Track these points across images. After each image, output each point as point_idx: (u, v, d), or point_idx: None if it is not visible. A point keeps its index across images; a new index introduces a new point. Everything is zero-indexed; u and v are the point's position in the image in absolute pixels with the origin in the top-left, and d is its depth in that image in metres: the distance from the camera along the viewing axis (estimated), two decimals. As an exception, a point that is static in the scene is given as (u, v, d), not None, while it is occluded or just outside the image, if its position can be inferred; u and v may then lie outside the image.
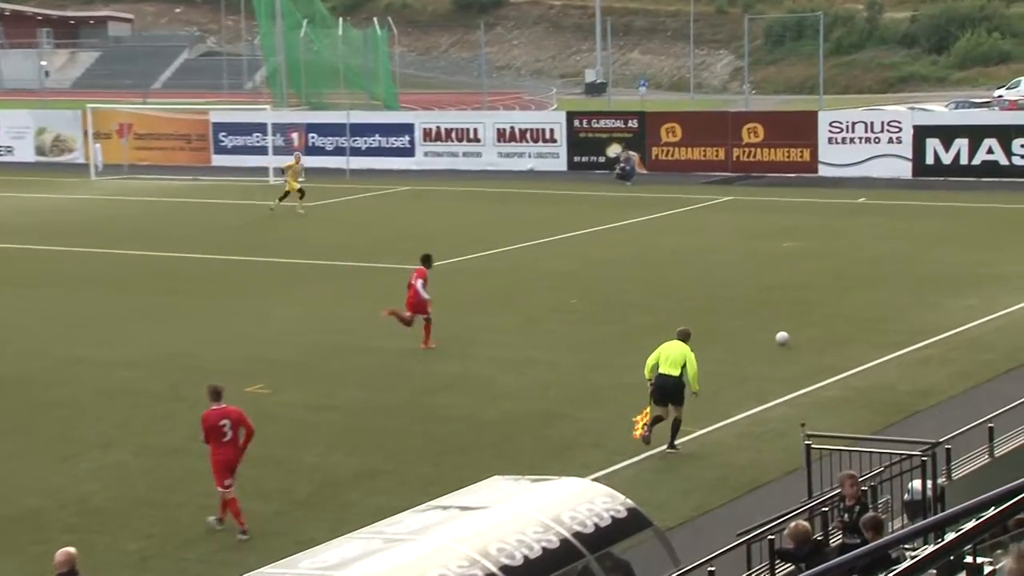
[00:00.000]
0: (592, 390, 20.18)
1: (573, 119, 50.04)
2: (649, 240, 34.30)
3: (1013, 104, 63.29)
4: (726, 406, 19.11)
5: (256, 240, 35.87)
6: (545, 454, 17.50)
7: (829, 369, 20.85)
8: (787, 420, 18.29)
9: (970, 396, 19.34)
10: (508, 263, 31.15)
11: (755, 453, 17.32)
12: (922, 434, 15.75)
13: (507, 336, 23.80)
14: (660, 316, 25.12)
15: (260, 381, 20.86)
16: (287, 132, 53.00)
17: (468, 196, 44.64)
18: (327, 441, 18.17)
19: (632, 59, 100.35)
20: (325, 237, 36.27)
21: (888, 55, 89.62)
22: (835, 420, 18.25)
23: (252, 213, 41.96)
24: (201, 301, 27.56)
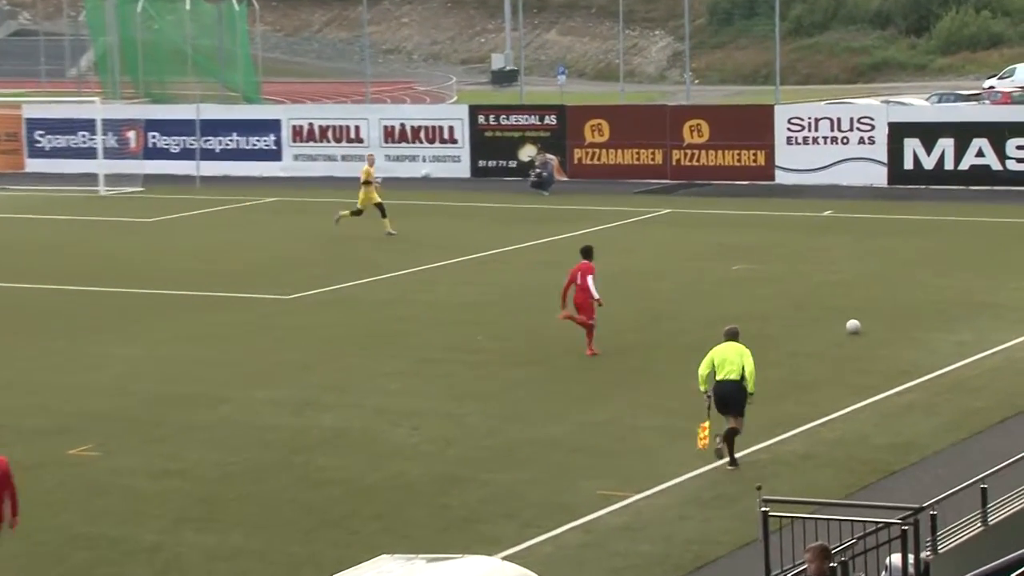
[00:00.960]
0: (503, 447, 20.20)
1: (477, 115, 50.20)
2: (572, 262, 34.35)
3: (1007, 97, 64.77)
4: (667, 465, 19.24)
5: (81, 265, 35.43)
6: (444, 527, 17.48)
7: (790, 419, 21.08)
8: (740, 482, 18.44)
9: (960, 451, 19.67)
10: (398, 292, 31.12)
11: (702, 523, 17.45)
12: (902, 498, 15.94)
13: (396, 382, 23.75)
14: (588, 355, 25.21)
15: (87, 441, 20.59)
16: (121, 130, 52.50)
17: (347, 209, 44.45)
18: (172, 514, 17.96)
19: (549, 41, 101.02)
20: (169, 261, 35.94)
21: (858, 37, 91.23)
22: (798, 481, 18.43)
23: (76, 232, 41.45)
24: (12, 340, 27.12)
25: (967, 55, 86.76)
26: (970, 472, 15.88)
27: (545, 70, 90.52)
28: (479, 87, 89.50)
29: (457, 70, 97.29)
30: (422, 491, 18.60)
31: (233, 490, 18.77)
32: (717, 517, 17.53)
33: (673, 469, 19.06)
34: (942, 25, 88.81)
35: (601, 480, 18.73)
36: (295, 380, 23.94)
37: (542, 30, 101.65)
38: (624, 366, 24.39)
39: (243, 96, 66.55)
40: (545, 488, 18.54)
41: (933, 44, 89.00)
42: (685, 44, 63.42)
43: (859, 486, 18.34)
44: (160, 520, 17.78)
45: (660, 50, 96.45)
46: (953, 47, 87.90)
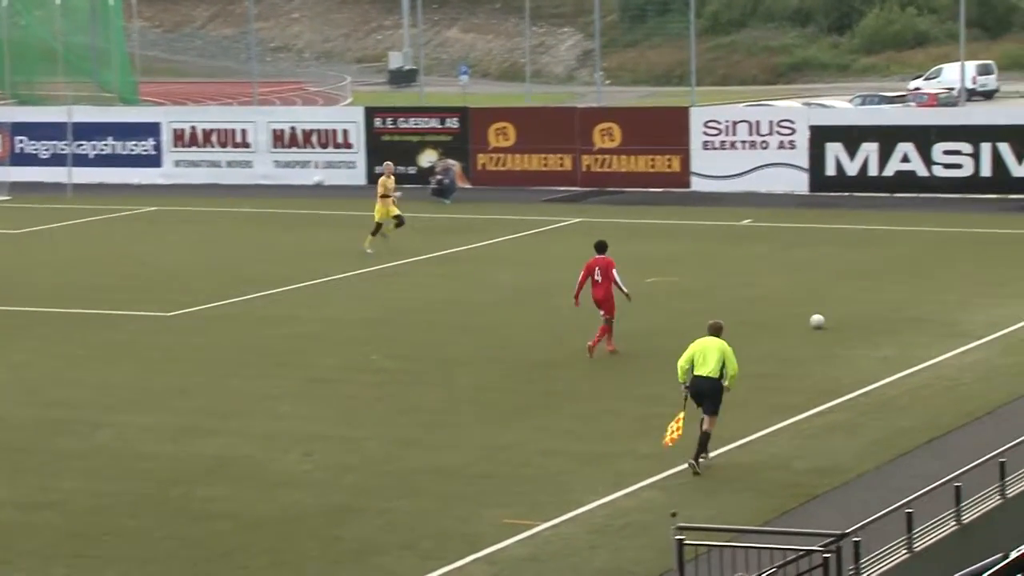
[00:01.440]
0: (401, 475, 20.19)
1: (374, 117, 50.15)
2: (476, 276, 34.51)
3: (933, 99, 65.78)
4: (576, 492, 19.31)
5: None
6: (338, 560, 17.42)
7: (707, 441, 21.21)
8: (654, 509, 18.56)
9: (885, 474, 19.91)
10: (288, 308, 31.00)
11: (613, 553, 17.53)
12: (825, 524, 16.10)
13: (286, 405, 23.65)
14: (492, 374, 25.29)
15: (-51, 472, 20.28)
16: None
17: (235, 219, 44.31)
18: (43, 551, 17.78)
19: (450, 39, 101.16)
20: (38, 276, 35.56)
21: (777, 36, 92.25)
22: (715, 507, 18.58)
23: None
24: None
25: (892, 55, 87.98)
26: (896, 496, 16.09)
27: (446, 70, 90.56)
28: (375, 88, 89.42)
29: (352, 69, 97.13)
30: (315, 522, 18.54)
31: (109, 524, 18.60)
32: (629, 547, 17.62)
33: (582, 496, 19.14)
34: (865, 23, 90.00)
35: (506, 508, 18.77)
36: (175, 404, 23.77)
37: (443, 27, 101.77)
38: (529, 387, 24.46)
39: (119, 97, 65.97)
40: (447, 517, 18.55)
41: (856, 43, 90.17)
42: (595, 42, 63.75)
43: (779, 512, 18.51)
44: (30, 557, 17.59)
45: (569, 49, 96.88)
46: (877, 46, 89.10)
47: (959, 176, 43.51)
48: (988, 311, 29.02)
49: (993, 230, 38.42)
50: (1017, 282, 31.83)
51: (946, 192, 43.37)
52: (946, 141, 43.79)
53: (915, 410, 22.76)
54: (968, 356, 25.86)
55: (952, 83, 63.94)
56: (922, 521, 15.08)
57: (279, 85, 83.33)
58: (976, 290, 31.17)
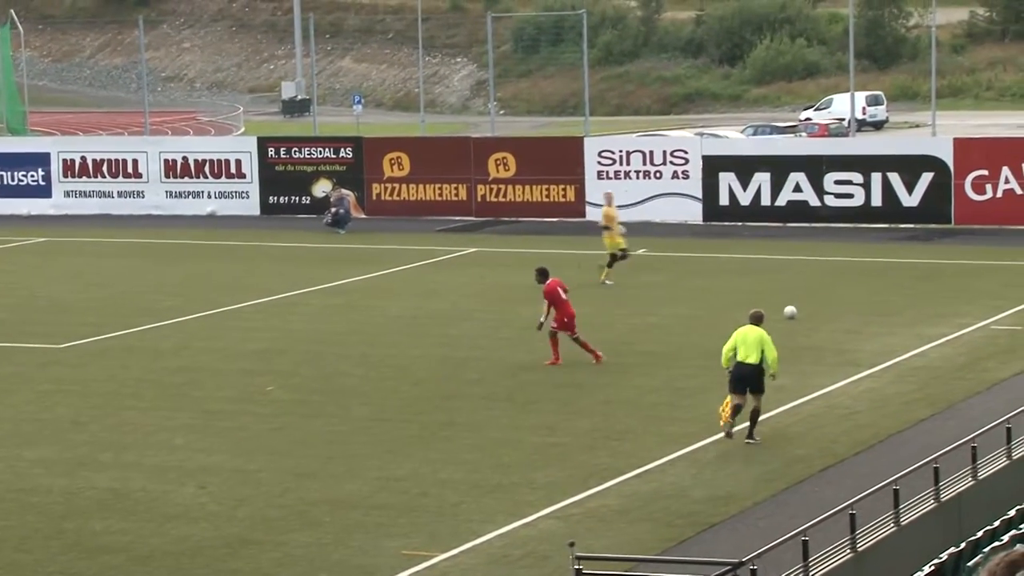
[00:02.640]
0: (299, 507, 20.09)
1: (267, 147, 49.97)
2: (370, 306, 34.46)
3: (824, 129, 66.68)
4: (472, 522, 19.32)
5: None
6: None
7: (603, 471, 21.33)
8: (551, 538, 18.60)
9: (780, 502, 20.10)
10: (181, 339, 30.77)
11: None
12: (722, 552, 16.24)
13: (178, 437, 23.47)
14: (389, 404, 25.26)
15: None
16: None
17: (126, 250, 43.92)
18: (-69, 588, 17.49)
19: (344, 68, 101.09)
20: (-74, 308, 35.03)
21: (669, 66, 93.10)
22: (613, 537, 18.66)
23: None
24: None
25: (782, 85, 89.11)
26: (791, 524, 16.26)
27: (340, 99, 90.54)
28: (268, 118, 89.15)
29: (244, 99, 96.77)
30: (210, 555, 18.40)
31: (3, 558, 18.32)
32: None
33: (479, 526, 19.15)
34: (756, 54, 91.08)
35: (404, 539, 18.74)
36: (66, 438, 23.50)
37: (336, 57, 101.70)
38: (424, 418, 24.45)
39: (7, 127, 65.28)
40: (344, 549, 18.48)
41: (747, 74, 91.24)
42: (489, 72, 64.01)
43: (677, 540, 18.62)
44: (-83, 595, 17.29)
45: (463, 79, 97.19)
46: (768, 77, 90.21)
47: (850, 206, 44.11)
48: (880, 340, 29.42)
49: (884, 259, 38.98)
50: (907, 311, 32.30)
51: (838, 222, 43.94)
52: (837, 171, 44.39)
53: (810, 438, 23.00)
54: (861, 384, 26.20)
55: (842, 113, 64.87)
56: (818, 549, 15.24)
57: (171, 115, 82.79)
58: (867, 319, 31.57)
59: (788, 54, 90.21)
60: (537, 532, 19.04)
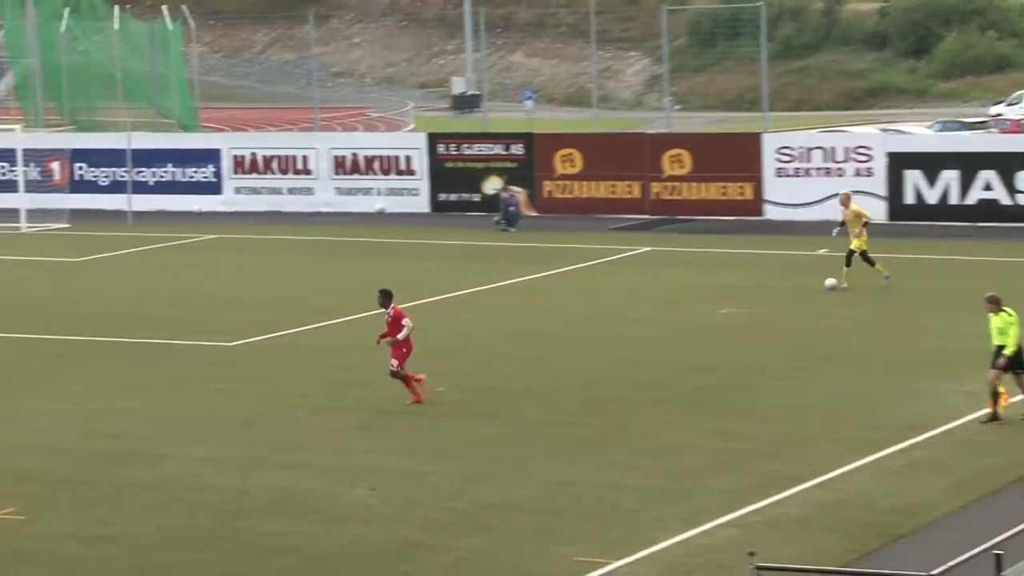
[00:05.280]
0: (469, 510, 20.17)
1: (437, 144, 50.27)
2: (541, 306, 34.50)
3: (1016, 125, 65.28)
4: (648, 529, 19.24)
5: (2, 309, 35.24)
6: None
7: (785, 479, 21.12)
8: (731, 547, 18.46)
9: (971, 514, 19.73)
10: (351, 339, 31.06)
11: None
12: (909, 565, 15.97)
13: (350, 438, 23.70)
14: (561, 407, 25.27)
15: (10, 504, 20.47)
16: (45, 161, 52.39)
17: (295, 247, 44.50)
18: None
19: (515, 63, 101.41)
20: (98, 305, 35.82)
21: (852, 60, 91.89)
22: (795, 547, 18.46)
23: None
24: (-75, 394, 27.00)
25: (971, 79, 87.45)
26: (983, 536, 15.91)
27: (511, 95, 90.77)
28: (438, 113, 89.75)
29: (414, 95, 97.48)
30: (381, 558, 18.55)
31: (173, 558, 18.68)
32: (706, 586, 17.54)
33: (655, 534, 19.07)
34: (944, 47, 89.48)
35: (577, 546, 18.72)
36: (238, 436, 23.88)
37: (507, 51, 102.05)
38: (597, 421, 24.42)
39: (179, 124, 66.46)
40: (516, 555, 18.51)
41: (934, 67, 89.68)
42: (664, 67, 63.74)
43: (861, 552, 18.37)
44: (90, 592, 17.67)
45: (636, 73, 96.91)
46: (956, 71, 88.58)
47: (1045, 205, 43.24)
48: (1075, 345, 28.70)
49: (1079, 261, 38.08)
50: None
51: (1030, 221, 43.06)
52: (1031, 169, 43.50)
53: (1003, 447, 22.54)
54: (1055, 391, 25.59)
55: (1035, 109, 63.59)
56: (1012, 562, 14.91)
57: (340, 111, 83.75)
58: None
59: (978, 47, 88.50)
60: (715, 541, 18.90)
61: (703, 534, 19.12)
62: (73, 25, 67.76)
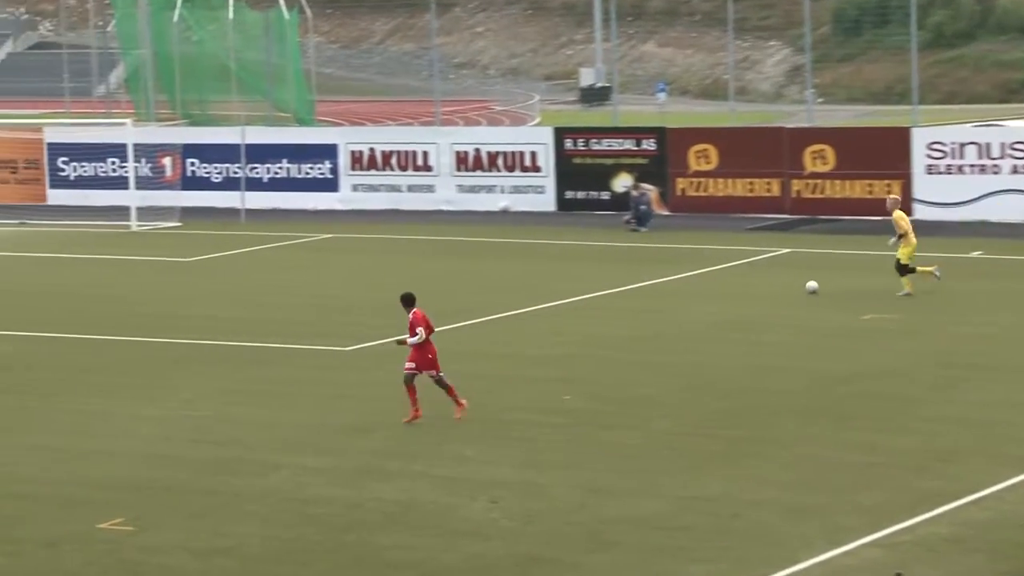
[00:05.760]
0: (594, 524, 20.12)
1: (564, 138, 50.32)
2: (673, 310, 34.40)
3: None
4: (787, 548, 19.08)
5: (109, 311, 35.77)
6: (527, 618, 17.44)
7: (934, 496, 20.86)
8: (876, 568, 18.27)
9: None
10: (470, 344, 31.15)
11: (829, 616, 17.29)
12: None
13: (470, 447, 23.74)
14: (692, 417, 25.16)
15: (119, 513, 20.71)
16: (156, 157, 53.10)
17: (414, 247, 44.72)
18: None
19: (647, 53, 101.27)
20: (209, 307, 36.22)
21: (1009, 49, 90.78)
22: (944, 569, 18.23)
23: (104, 273, 41.90)
24: (28, 399, 27.42)
25: None
26: None
27: (642, 87, 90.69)
28: (566, 107, 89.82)
29: (540, 87, 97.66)
30: (503, 574, 18.55)
31: (284, 572, 18.81)
32: (846, 609, 17.37)
33: (794, 553, 18.90)
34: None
35: (708, 564, 18.61)
36: (350, 445, 24.01)
37: (638, 41, 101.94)
38: (731, 432, 24.27)
39: (294, 117, 67.15)
40: (643, 572, 18.44)
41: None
42: (806, 57, 63.30)
43: (1016, 574, 18.09)
44: (198, 606, 17.84)
45: (776, 64, 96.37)
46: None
47: None
48: None
49: None
50: None
51: None
52: None
53: None
54: None
55: None
56: None
57: (463, 104, 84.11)
58: None
59: None
60: (859, 561, 18.71)
61: (846, 554, 18.92)
62: (186, 14, 68.67)
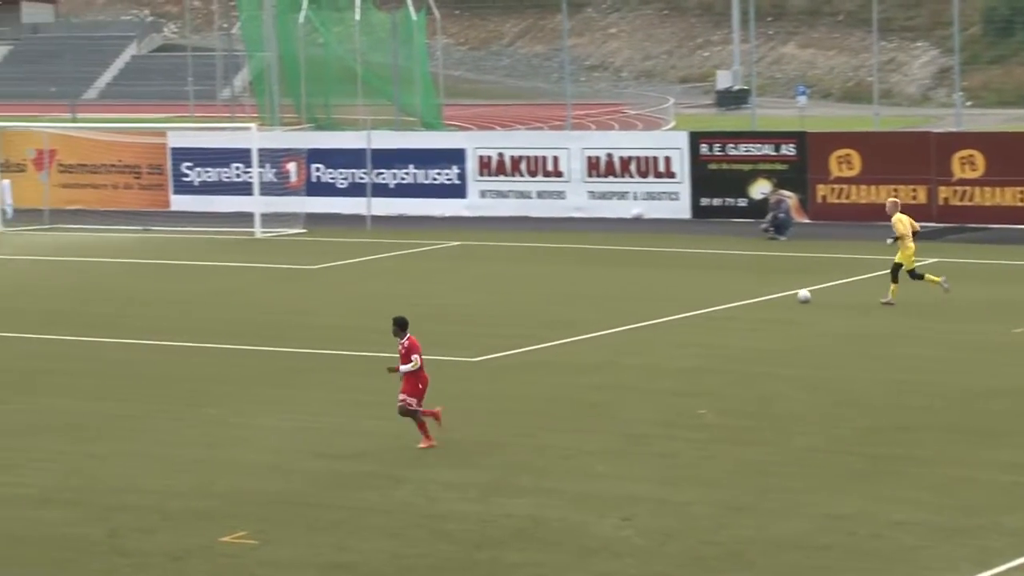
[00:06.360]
0: (732, 545, 20.09)
1: (699, 143, 50.24)
2: (811, 322, 34.20)
3: None
4: (932, 571, 18.95)
5: (232, 319, 36.21)
6: (661, 639, 17.47)
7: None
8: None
9: None
10: (603, 355, 31.19)
11: (977, 642, 17.16)
12: None
13: (602, 462, 23.77)
14: (833, 434, 25.03)
15: (242, 526, 20.97)
16: (281, 162, 53.63)
17: (544, 255, 44.81)
18: (338, 616, 18.21)
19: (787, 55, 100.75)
20: (334, 315, 36.52)
21: None
22: (1096, 594, 18.03)
23: (227, 280, 42.38)
24: (152, 408, 27.81)
25: None
26: None
27: (782, 90, 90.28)
28: (701, 110, 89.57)
29: (675, 90, 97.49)
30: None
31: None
32: (996, 636, 17.24)
33: (939, 575, 18.77)
34: None
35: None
36: (480, 460, 24.12)
37: (778, 42, 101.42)
38: (873, 450, 24.11)
39: (421, 122, 67.54)
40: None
41: None
42: (955, 58, 62.68)
43: None
44: (323, 622, 18.00)
45: (923, 66, 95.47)
46: None
47: None
48: None
49: None
50: None
51: None
52: None
53: None
54: None
55: None
56: None
57: (594, 108, 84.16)
58: None
59: None
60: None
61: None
62: (312, 16, 69.32)
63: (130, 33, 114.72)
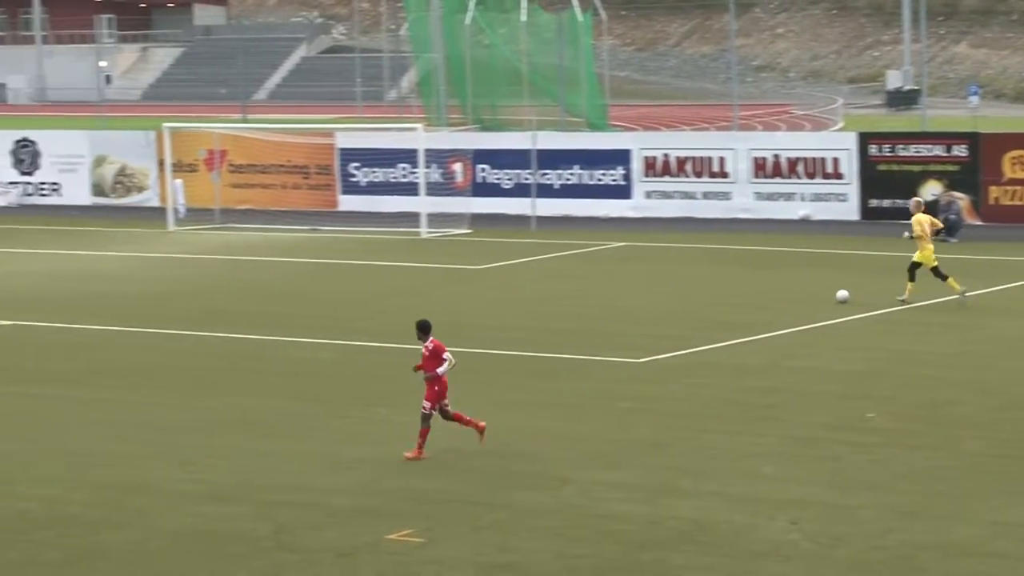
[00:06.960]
0: (903, 549, 19.84)
1: (868, 144, 49.78)
2: (984, 325, 33.73)
3: None
4: (1107, 580, 18.56)
5: (397, 319, 36.37)
6: (828, 645, 17.27)
7: None
8: None
9: None
10: (769, 357, 30.98)
11: None
12: None
13: (769, 465, 23.60)
14: (1008, 438, 24.66)
15: (409, 524, 21.09)
16: (447, 162, 53.95)
17: (710, 256, 44.63)
18: (502, 616, 18.21)
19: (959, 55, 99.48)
20: (498, 316, 36.63)
21: None
22: None
23: (393, 280, 42.68)
24: (322, 407, 28.06)
25: None
26: None
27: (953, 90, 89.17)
28: (870, 111, 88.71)
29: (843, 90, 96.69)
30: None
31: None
32: None
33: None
34: None
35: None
36: (645, 460, 24.06)
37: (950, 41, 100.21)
38: (1053, 455, 23.72)
39: (587, 122, 67.62)
40: (954, 603, 18.13)
41: None
42: None
43: None
44: (488, 621, 18.03)
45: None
46: None
47: None
48: None
49: None
50: None
51: None
52: None
53: None
54: None
55: None
56: None
57: (761, 108, 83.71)
58: None
59: None
60: None
61: None
62: (479, 17, 69.69)
63: (300, 35, 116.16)
